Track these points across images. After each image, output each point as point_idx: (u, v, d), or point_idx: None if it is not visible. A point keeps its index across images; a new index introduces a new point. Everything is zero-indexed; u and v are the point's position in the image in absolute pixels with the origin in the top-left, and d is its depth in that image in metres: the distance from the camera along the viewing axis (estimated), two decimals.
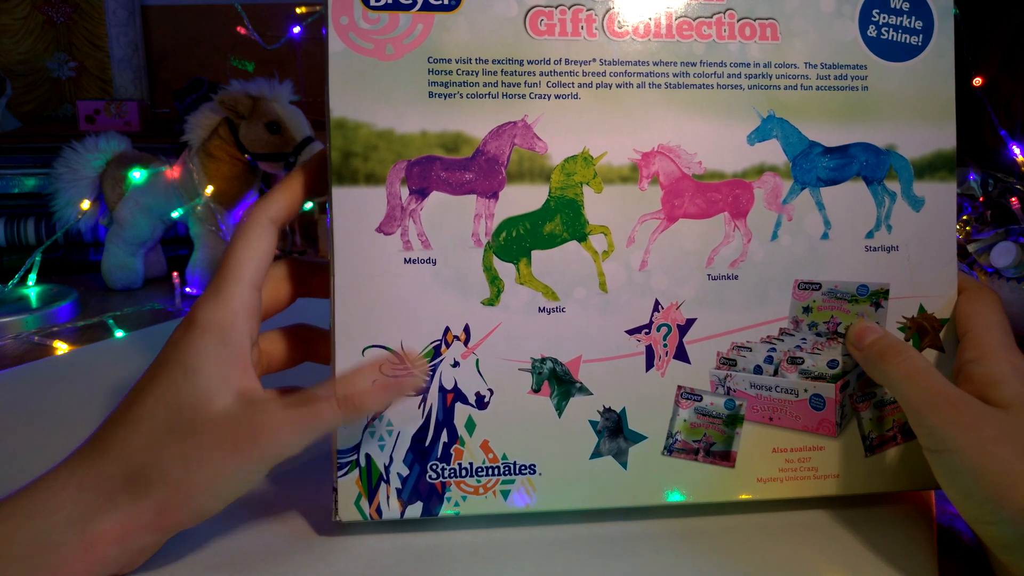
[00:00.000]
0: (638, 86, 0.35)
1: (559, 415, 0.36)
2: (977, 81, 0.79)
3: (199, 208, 0.85)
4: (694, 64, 0.36)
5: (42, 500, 0.30)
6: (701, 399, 0.37)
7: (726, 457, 0.37)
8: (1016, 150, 0.73)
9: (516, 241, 0.35)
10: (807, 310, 0.37)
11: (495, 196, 0.35)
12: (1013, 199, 0.70)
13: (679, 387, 0.37)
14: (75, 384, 0.56)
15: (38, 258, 0.82)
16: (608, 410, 0.36)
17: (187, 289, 0.85)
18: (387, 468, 0.35)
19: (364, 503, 0.35)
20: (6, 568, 0.29)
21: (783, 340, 0.37)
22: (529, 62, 0.35)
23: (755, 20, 0.36)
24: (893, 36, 0.37)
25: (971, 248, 0.65)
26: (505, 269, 0.35)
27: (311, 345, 0.39)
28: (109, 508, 0.31)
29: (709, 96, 0.36)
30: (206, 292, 0.33)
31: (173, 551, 0.34)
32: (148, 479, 0.31)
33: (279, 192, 0.36)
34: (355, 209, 0.34)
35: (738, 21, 0.36)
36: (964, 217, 0.71)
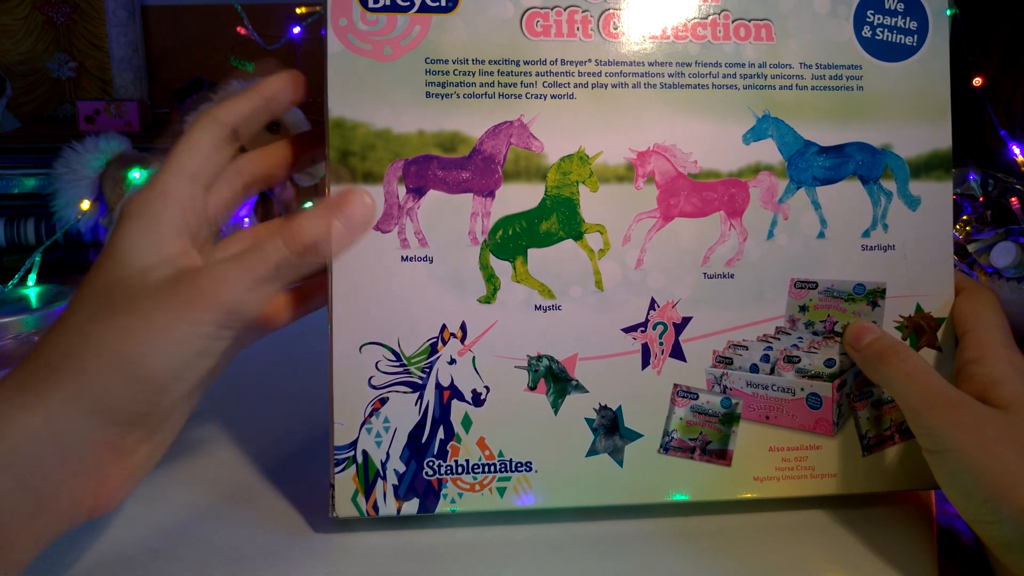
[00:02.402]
0: (633, 86, 0.36)
1: (555, 413, 0.36)
2: (977, 81, 0.78)
3: None
4: (689, 64, 0.36)
5: None
6: (697, 397, 0.37)
7: (722, 455, 0.37)
8: (1016, 150, 0.73)
9: (512, 239, 0.35)
10: (803, 309, 0.37)
11: (492, 195, 0.35)
12: (1013, 199, 0.70)
13: (675, 385, 0.37)
14: None
15: (38, 258, 0.82)
16: (604, 408, 0.36)
17: None
18: (384, 464, 0.35)
19: (361, 499, 0.35)
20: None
21: (779, 339, 0.37)
22: (525, 63, 0.35)
23: (750, 21, 0.36)
24: (888, 36, 0.37)
25: (971, 248, 0.65)
26: (501, 267, 0.35)
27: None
28: (36, 404, 0.28)
29: (704, 96, 0.36)
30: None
31: (169, 548, 0.34)
32: (77, 357, 0.28)
33: (232, 98, 0.34)
34: None
35: (733, 22, 0.36)
36: (964, 217, 0.71)
